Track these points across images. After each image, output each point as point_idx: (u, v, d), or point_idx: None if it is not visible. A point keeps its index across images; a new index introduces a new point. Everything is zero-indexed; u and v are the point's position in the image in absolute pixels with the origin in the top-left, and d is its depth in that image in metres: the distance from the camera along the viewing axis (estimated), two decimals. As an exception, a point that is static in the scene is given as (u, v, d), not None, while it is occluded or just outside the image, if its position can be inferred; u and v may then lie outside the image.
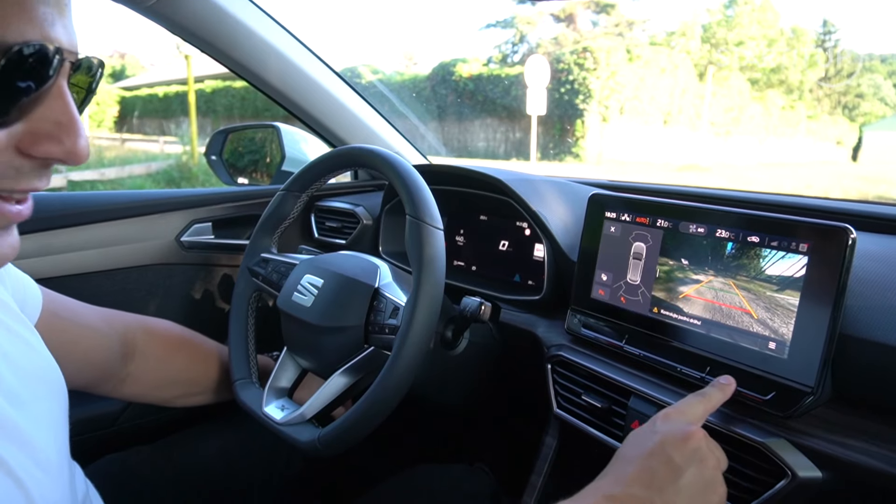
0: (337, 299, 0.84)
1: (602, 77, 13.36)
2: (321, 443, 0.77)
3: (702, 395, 0.63)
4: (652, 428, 0.59)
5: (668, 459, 0.55)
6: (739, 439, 0.67)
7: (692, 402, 0.62)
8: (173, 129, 18.40)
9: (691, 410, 0.61)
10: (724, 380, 0.66)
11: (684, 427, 0.57)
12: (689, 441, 0.56)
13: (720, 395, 0.64)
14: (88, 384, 0.83)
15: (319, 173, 0.96)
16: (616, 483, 0.54)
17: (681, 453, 0.55)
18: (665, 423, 0.59)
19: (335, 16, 37.36)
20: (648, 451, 0.56)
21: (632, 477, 0.54)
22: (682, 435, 0.56)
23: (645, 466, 0.55)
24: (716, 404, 0.63)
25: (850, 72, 14.72)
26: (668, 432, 0.57)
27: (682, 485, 0.54)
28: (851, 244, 0.62)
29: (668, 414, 0.60)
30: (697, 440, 0.56)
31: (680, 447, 0.55)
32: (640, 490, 0.53)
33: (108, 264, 1.19)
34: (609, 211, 0.86)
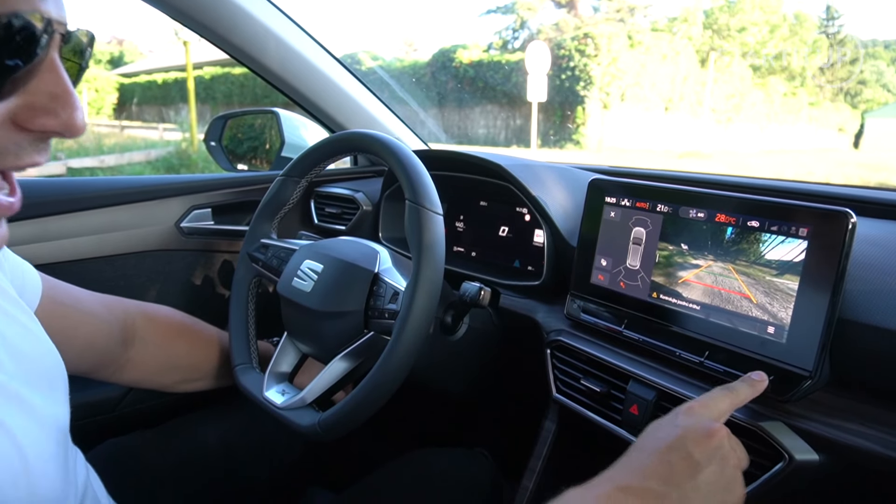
0: (337, 284, 0.84)
1: (603, 63, 13.28)
2: (321, 427, 0.77)
3: (729, 388, 0.61)
4: (674, 421, 0.57)
5: (687, 455, 0.53)
6: (737, 422, 0.67)
7: (718, 395, 0.60)
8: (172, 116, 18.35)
9: (716, 405, 0.59)
10: (756, 376, 0.63)
11: (707, 423, 0.55)
12: (712, 438, 0.54)
13: (749, 391, 0.62)
14: (89, 370, 0.83)
15: (319, 159, 0.96)
16: (631, 475, 0.53)
17: (702, 450, 0.53)
18: (688, 418, 0.57)
19: (335, 2, 37.08)
20: (668, 445, 0.54)
21: (649, 470, 0.52)
22: (705, 431, 0.54)
23: (663, 460, 0.53)
24: (743, 400, 0.61)
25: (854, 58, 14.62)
26: (691, 427, 0.55)
27: (701, 482, 0.52)
28: (851, 228, 0.61)
29: (691, 408, 0.58)
30: (720, 438, 0.54)
31: (701, 444, 0.54)
32: (656, 484, 0.51)
33: (108, 250, 1.20)
34: (609, 196, 0.86)
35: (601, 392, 0.81)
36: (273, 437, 1.02)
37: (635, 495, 0.50)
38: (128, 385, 0.92)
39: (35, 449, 0.49)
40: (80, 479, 0.63)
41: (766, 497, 0.65)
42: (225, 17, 1.19)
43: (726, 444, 0.55)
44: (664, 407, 0.75)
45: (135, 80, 22.31)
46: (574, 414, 0.86)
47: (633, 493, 0.51)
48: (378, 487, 0.89)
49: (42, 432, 0.51)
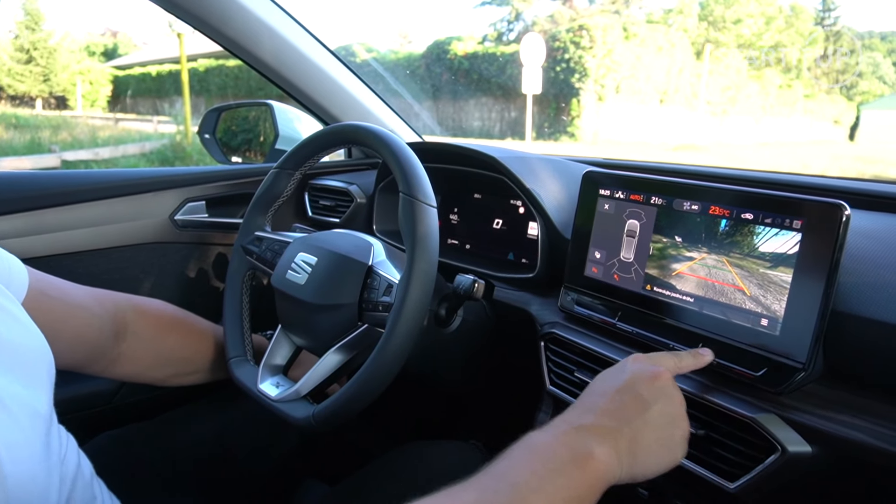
0: (331, 277, 0.84)
1: (598, 55, 13.25)
2: (316, 419, 0.77)
3: (674, 354, 0.66)
4: (623, 367, 0.63)
5: (636, 394, 0.58)
6: (730, 415, 0.67)
7: (664, 354, 0.66)
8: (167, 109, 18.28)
9: (660, 359, 0.64)
10: (703, 351, 0.69)
11: (653, 367, 0.61)
12: (657, 379, 0.60)
13: (691, 360, 0.67)
14: (81, 364, 0.82)
15: (312, 151, 0.96)
16: (586, 414, 0.57)
17: (649, 389, 0.59)
18: (634, 364, 0.62)
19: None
20: (618, 387, 0.59)
21: (602, 409, 0.57)
22: (651, 374, 0.60)
23: (614, 399, 0.58)
24: (685, 367, 0.66)
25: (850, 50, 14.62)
26: (638, 371, 0.61)
27: (649, 417, 0.57)
28: (845, 221, 0.61)
29: (637, 357, 0.64)
30: (665, 379, 0.60)
31: (648, 384, 0.59)
32: (609, 421, 0.56)
33: (102, 243, 1.19)
34: (603, 188, 0.85)
35: (595, 384, 0.81)
36: (268, 429, 1.02)
37: (591, 432, 0.54)
38: (120, 379, 0.91)
39: (4, 434, 0.49)
40: (70, 466, 0.62)
41: (760, 489, 0.66)
42: (218, 8, 1.18)
43: (670, 384, 0.61)
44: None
45: (129, 72, 22.21)
46: (567, 406, 0.86)
47: (589, 430, 0.55)
48: (372, 480, 0.89)
49: (10, 418, 0.50)
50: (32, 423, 0.53)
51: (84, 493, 0.64)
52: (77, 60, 23.01)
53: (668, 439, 0.58)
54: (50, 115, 19.15)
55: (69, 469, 0.62)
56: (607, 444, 0.54)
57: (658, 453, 0.57)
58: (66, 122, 17.10)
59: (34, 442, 0.53)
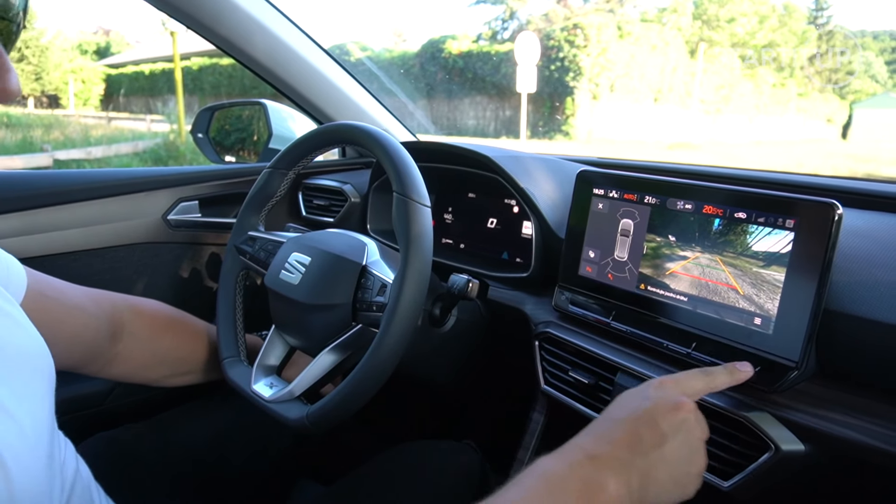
0: (324, 277, 0.84)
1: (592, 54, 13.28)
2: (309, 420, 0.77)
3: (707, 371, 0.62)
4: (644, 393, 0.59)
5: (655, 426, 0.55)
6: (724, 413, 0.67)
7: (693, 375, 0.61)
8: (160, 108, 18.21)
9: (688, 384, 0.60)
10: (741, 366, 0.64)
11: (675, 397, 0.57)
12: (679, 411, 0.56)
13: (726, 377, 0.63)
14: (77, 364, 0.82)
15: (306, 151, 0.95)
16: (600, 443, 0.55)
17: (668, 422, 0.55)
18: (658, 391, 0.58)
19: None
20: (636, 416, 0.56)
21: (618, 439, 0.54)
22: (673, 404, 0.56)
23: (631, 430, 0.55)
24: (718, 386, 0.62)
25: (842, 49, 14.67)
26: (659, 399, 0.57)
27: (666, 452, 0.54)
28: (838, 220, 0.62)
29: (663, 382, 0.60)
30: (687, 411, 0.57)
31: (668, 416, 0.56)
32: (623, 453, 0.53)
33: (95, 243, 1.18)
34: (597, 188, 0.85)
35: (589, 384, 0.81)
36: (262, 430, 1.01)
37: (604, 463, 0.52)
38: (116, 379, 0.91)
39: (6, 440, 0.48)
40: (69, 471, 0.62)
41: (754, 487, 0.66)
42: (211, 7, 1.17)
43: (692, 417, 0.57)
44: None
45: (122, 70, 22.11)
46: (562, 405, 0.86)
47: (602, 461, 0.52)
48: (367, 480, 0.89)
49: (14, 424, 0.50)
50: (36, 430, 0.53)
51: (82, 497, 0.64)
52: (69, 59, 22.90)
53: (683, 476, 0.56)
54: (42, 114, 19.06)
55: (68, 474, 0.62)
56: (620, 477, 0.52)
57: (670, 489, 0.55)
58: (59, 120, 17.01)
59: (38, 449, 0.53)
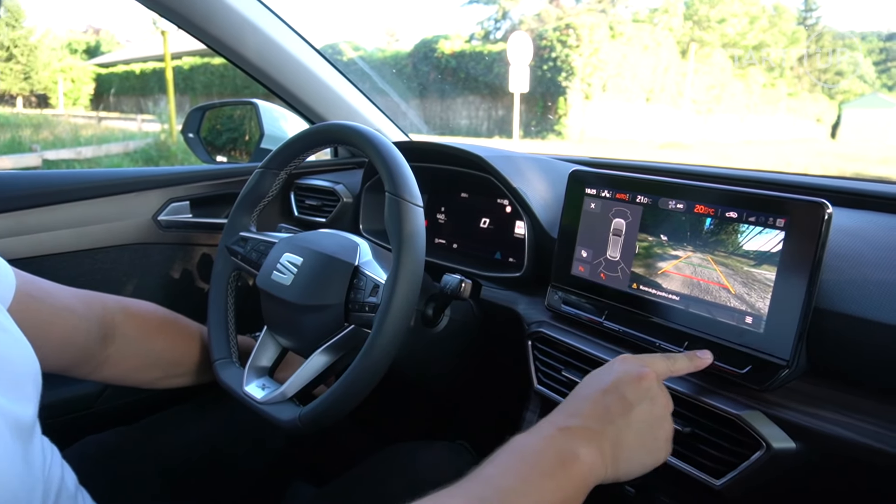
0: (316, 278, 0.83)
1: (585, 54, 13.31)
2: (302, 421, 0.77)
3: (668, 356, 0.66)
4: (609, 368, 0.63)
5: (621, 396, 0.59)
6: (716, 412, 0.67)
7: (656, 357, 0.65)
8: (151, 107, 18.12)
9: (652, 362, 0.64)
10: (701, 353, 0.68)
11: (638, 368, 0.61)
12: (642, 380, 0.60)
13: (687, 362, 0.66)
14: (67, 367, 0.81)
15: (298, 150, 0.95)
16: (571, 417, 0.57)
17: (633, 390, 0.59)
18: (622, 364, 0.62)
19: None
20: (604, 388, 0.60)
21: (587, 412, 0.58)
22: (636, 374, 0.60)
23: (599, 401, 0.58)
24: (679, 369, 0.66)
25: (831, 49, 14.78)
26: (623, 371, 0.61)
27: (632, 419, 0.58)
28: (827, 219, 0.62)
29: (625, 358, 0.64)
30: (650, 380, 0.60)
31: (633, 385, 0.59)
32: (593, 423, 0.57)
33: (85, 244, 1.18)
34: (589, 187, 0.86)
35: (582, 383, 0.82)
36: (255, 431, 1.01)
37: (576, 434, 0.55)
38: (108, 382, 0.89)
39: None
40: (53, 478, 0.62)
41: (745, 486, 0.66)
42: (202, 6, 1.17)
43: (655, 385, 0.61)
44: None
45: (112, 70, 21.97)
46: (555, 405, 0.86)
47: (574, 432, 0.55)
48: (360, 481, 0.89)
49: None
50: (14, 437, 0.52)
51: (68, 500, 0.63)
52: (58, 58, 22.73)
53: (651, 440, 0.59)
54: (31, 114, 18.91)
55: (53, 481, 0.61)
56: (592, 445, 0.54)
57: (641, 454, 0.58)
58: (48, 120, 16.88)
59: (14, 455, 0.52)
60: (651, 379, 0.60)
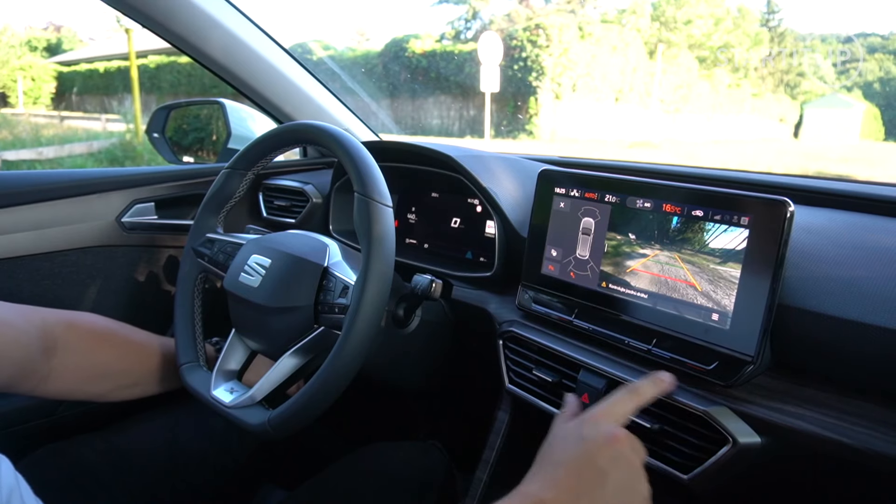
0: (285, 279, 0.82)
1: (555, 54, 13.41)
2: (271, 425, 0.76)
3: (633, 390, 0.66)
4: (578, 432, 0.62)
5: (593, 465, 0.58)
6: (683, 408, 0.68)
7: (621, 399, 0.65)
8: (116, 107, 17.71)
9: (619, 409, 0.64)
10: (664, 375, 0.68)
11: (607, 430, 0.60)
12: (613, 445, 0.59)
13: (653, 390, 0.67)
14: (8, 383, 0.78)
15: (265, 150, 0.94)
16: (546, 488, 0.57)
17: (605, 457, 0.58)
18: (591, 428, 0.61)
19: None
20: (574, 458, 0.59)
21: (561, 483, 0.57)
22: (606, 439, 0.59)
23: (572, 472, 0.58)
24: (647, 400, 0.66)
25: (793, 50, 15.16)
26: (593, 438, 0.60)
27: (608, 489, 0.57)
28: (790, 217, 0.63)
29: (595, 417, 0.63)
30: (621, 443, 0.59)
31: (604, 451, 0.59)
32: (568, 496, 0.56)
33: (44, 247, 1.14)
34: (558, 187, 0.86)
35: (553, 382, 0.82)
36: (224, 435, 0.99)
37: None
38: (55, 397, 0.86)
39: None
40: (4, 489, 0.59)
41: (712, 479, 0.67)
42: (164, 4, 1.14)
43: (627, 448, 0.60)
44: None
45: (75, 68, 21.42)
46: (527, 404, 0.87)
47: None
48: (331, 483, 0.88)
49: None
50: None
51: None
52: (18, 55, 22.09)
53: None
54: (-11, 113, 18.35)
55: (2, 491, 0.59)
56: None
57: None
58: (7, 119, 16.40)
59: None
60: (622, 441, 0.60)
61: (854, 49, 10.07)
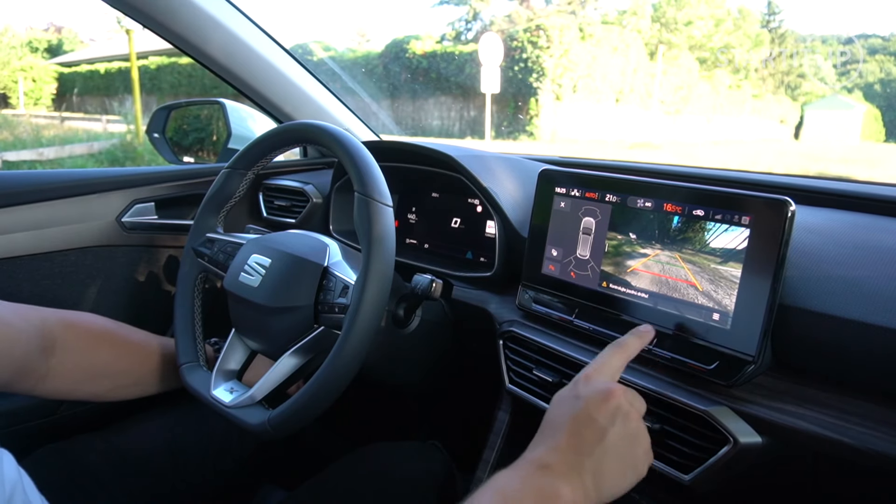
0: (285, 279, 0.82)
1: (555, 55, 13.42)
2: (271, 425, 0.76)
3: (619, 345, 0.66)
4: (574, 392, 0.61)
5: (592, 422, 0.57)
6: (684, 408, 0.68)
7: (610, 353, 0.64)
8: (116, 108, 17.70)
9: (610, 365, 0.63)
10: (644, 328, 0.68)
11: (603, 387, 0.60)
12: (610, 400, 0.58)
13: (638, 342, 0.66)
14: (7, 382, 0.78)
15: (265, 150, 0.94)
16: (548, 452, 0.57)
17: (603, 413, 0.58)
18: (586, 386, 0.61)
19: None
20: (574, 417, 0.58)
21: (562, 444, 0.57)
22: (602, 395, 0.59)
23: (572, 432, 0.57)
24: (633, 353, 0.66)
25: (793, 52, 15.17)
26: (590, 395, 0.59)
27: (609, 444, 0.57)
28: (791, 216, 0.63)
29: (588, 375, 0.62)
30: (617, 397, 0.59)
31: (602, 407, 0.58)
32: (571, 456, 0.56)
33: (45, 247, 1.14)
34: (559, 186, 0.86)
35: (553, 382, 0.82)
36: (224, 435, 0.99)
37: (556, 471, 0.54)
38: (54, 397, 0.86)
39: None
40: (6, 483, 0.60)
41: (713, 480, 0.67)
42: (165, 4, 1.14)
43: (623, 400, 0.59)
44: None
45: (75, 69, 21.45)
46: (527, 404, 0.86)
47: (553, 469, 0.55)
48: (331, 483, 0.88)
49: None
50: None
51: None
52: (18, 56, 22.11)
53: (631, 458, 0.58)
54: (-11, 114, 18.35)
55: (6, 486, 0.59)
56: (573, 481, 0.54)
57: (623, 475, 0.57)
58: (7, 120, 16.39)
59: None
60: (618, 395, 0.59)
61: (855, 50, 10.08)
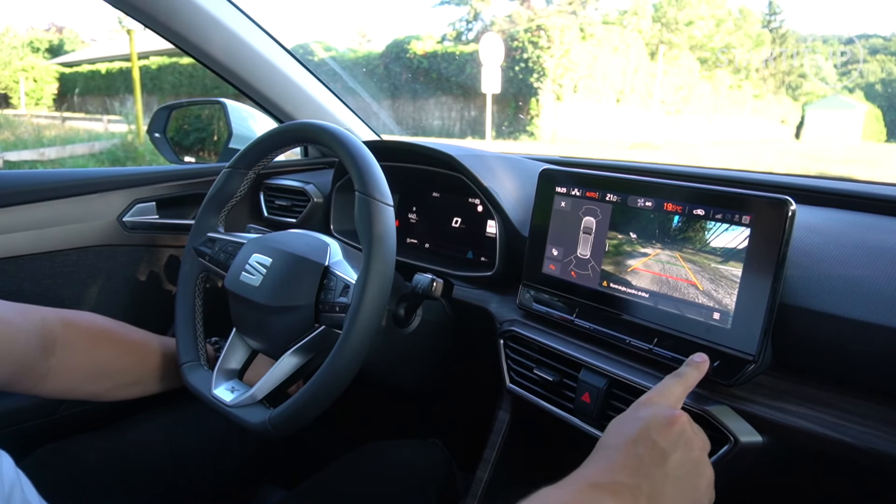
0: (286, 278, 0.82)
1: (556, 55, 13.41)
2: (272, 424, 0.76)
3: (678, 375, 0.63)
4: (636, 414, 0.58)
5: (653, 444, 0.54)
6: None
7: (670, 384, 0.61)
8: (117, 108, 17.70)
9: (671, 392, 0.60)
10: (699, 358, 0.65)
11: (667, 411, 0.56)
12: (674, 425, 0.55)
13: (696, 373, 0.63)
14: (8, 381, 0.78)
15: (266, 150, 0.94)
16: (601, 472, 0.53)
17: (665, 437, 0.54)
18: (648, 409, 0.58)
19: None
20: (633, 438, 0.55)
21: (618, 465, 0.53)
22: (666, 419, 0.55)
23: (630, 453, 0.54)
24: (693, 383, 0.63)
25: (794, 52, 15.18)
26: (652, 417, 0.56)
27: (670, 469, 0.53)
28: (791, 216, 0.63)
29: (650, 398, 0.59)
30: (682, 423, 0.56)
31: (664, 431, 0.55)
32: (626, 477, 0.52)
33: (45, 247, 1.14)
34: (559, 186, 0.86)
35: (554, 381, 0.82)
36: (224, 434, 0.99)
37: (608, 490, 0.51)
38: (54, 396, 0.86)
39: None
40: (4, 484, 0.60)
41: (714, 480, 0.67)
42: (166, 3, 1.14)
43: (688, 428, 0.56)
44: (615, 394, 0.76)
45: (76, 69, 21.46)
46: (527, 403, 0.86)
47: (605, 488, 0.51)
48: (332, 482, 0.88)
49: None
50: None
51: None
52: (20, 57, 22.12)
53: (692, 489, 0.54)
54: (-10, 114, 18.36)
55: (4, 487, 0.59)
56: (625, 501, 0.50)
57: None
58: (9, 121, 16.41)
59: None
60: (683, 422, 0.56)
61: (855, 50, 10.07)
